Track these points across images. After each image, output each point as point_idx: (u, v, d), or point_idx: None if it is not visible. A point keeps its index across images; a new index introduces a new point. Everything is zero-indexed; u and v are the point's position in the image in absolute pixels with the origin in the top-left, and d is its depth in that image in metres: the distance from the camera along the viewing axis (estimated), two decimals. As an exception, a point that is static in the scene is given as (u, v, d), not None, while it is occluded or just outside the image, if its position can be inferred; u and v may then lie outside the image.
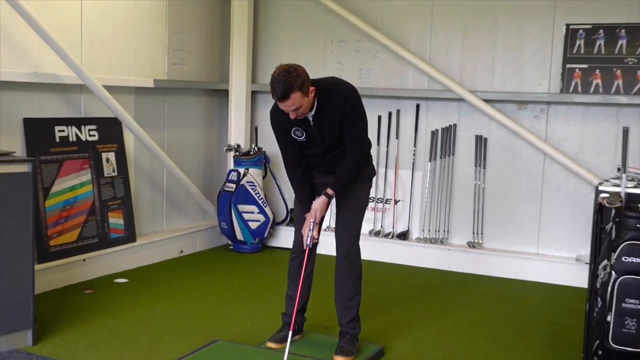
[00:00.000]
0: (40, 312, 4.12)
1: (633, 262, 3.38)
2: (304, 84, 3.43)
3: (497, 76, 6.07)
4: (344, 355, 3.79)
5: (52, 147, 5.13)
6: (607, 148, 5.72)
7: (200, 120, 6.78)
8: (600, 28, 5.67)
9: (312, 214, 3.73)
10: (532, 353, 4.11)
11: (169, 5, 6.15)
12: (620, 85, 5.61)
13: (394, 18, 6.38)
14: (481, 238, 6.18)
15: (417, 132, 6.39)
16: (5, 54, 4.69)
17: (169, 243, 6.16)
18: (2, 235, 3.70)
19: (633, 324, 3.39)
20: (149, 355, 3.79)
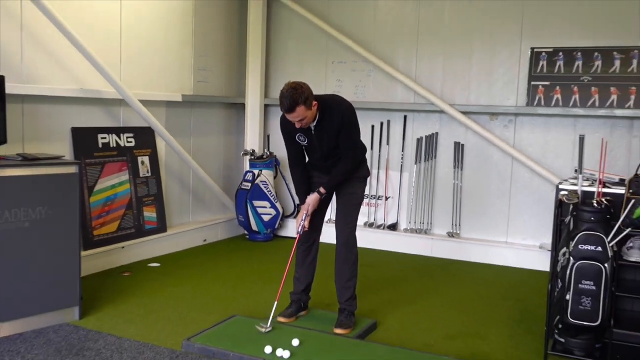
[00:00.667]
0: (85, 292, 4.15)
1: (588, 250, 3.40)
2: (308, 99, 3.46)
3: (472, 92, 6.07)
4: (342, 328, 3.81)
5: (95, 151, 5.15)
6: (565, 152, 5.72)
7: (220, 129, 6.79)
8: (560, 51, 5.68)
9: (305, 206, 3.77)
10: (502, 326, 4.11)
11: (195, 32, 6.17)
12: (577, 100, 5.62)
13: (385, 43, 6.39)
14: (459, 229, 6.18)
15: (405, 139, 6.40)
16: (57, 73, 4.73)
17: (194, 233, 6.18)
18: (52, 226, 3.73)
19: (588, 302, 3.40)
20: (178, 328, 3.81)
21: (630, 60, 5.45)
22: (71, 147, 4.93)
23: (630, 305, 3.76)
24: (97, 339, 3.58)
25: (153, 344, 3.55)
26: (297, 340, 3.51)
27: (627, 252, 3.63)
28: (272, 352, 3.35)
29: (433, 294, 4.83)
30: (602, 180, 3.68)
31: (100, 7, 5.08)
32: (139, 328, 3.80)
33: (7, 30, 4.33)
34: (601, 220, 3.45)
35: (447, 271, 5.58)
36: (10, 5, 4.33)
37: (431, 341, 3.79)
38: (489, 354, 3.62)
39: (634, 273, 3.73)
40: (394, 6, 6.36)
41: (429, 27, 6.21)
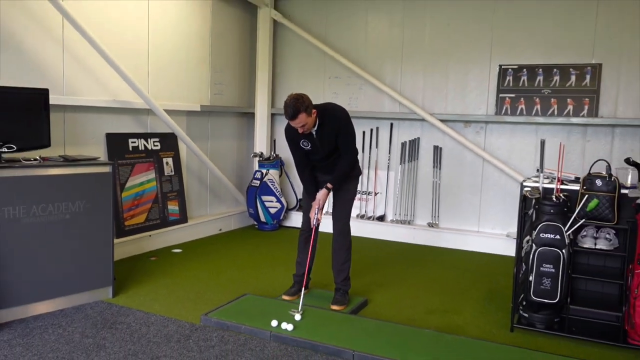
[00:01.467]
0: (118, 274, 4.15)
1: (548, 238, 3.41)
2: (308, 108, 3.47)
3: (449, 102, 6.07)
4: (337, 304, 3.81)
5: (126, 154, 5.14)
6: (529, 155, 5.73)
7: (234, 134, 6.78)
8: (524, 68, 5.68)
9: (317, 201, 3.76)
10: (474, 303, 4.12)
11: (212, 51, 6.16)
12: (539, 109, 5.62)
13: (374, 61, 6.38)
14: (437, 220, 6.18)
15: (391, 143, 6.39)
16: (93, 87, 4.73)
17: (211, 223, 6.17)
18: (89, 218, 3.73)
19: (548, 282, 3.41)
20: (197, 305, 3.81)
21: (584, 75, 5.46)
22: (105, 150, 4.93)
23: (584, 285, 3.77)
24: (127, 314, 3.58)
25: (176, 318, 3.55)
26: (299, 315, 3.51)
27: (581, 239, 3.65)
28: (278, 326, 3.34)
29: (416, 275, 4.82)
30: (560, 179, 3.68)
31: (131, 30, 5.08)
32: (164, 305, 3.80)
33: (51, 50, 4.33)
34: (559, 213, 3.47)
35: (427, 256, 5.57)
36: (54, 29, 4.33)
37: (414, 316, 3.79)
38: (464, 326, 3.63)
39: (587, 258, 3.74)
40: (382, 30, 6.35)
41: (411, 47, 6.20)
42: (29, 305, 3.48)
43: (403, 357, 2.98)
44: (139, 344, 3.13)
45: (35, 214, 3.46)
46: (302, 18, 6.69)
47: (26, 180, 3.42)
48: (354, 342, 3.14)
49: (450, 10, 5.98)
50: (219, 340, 3.22)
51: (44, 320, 3.43)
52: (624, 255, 3.52)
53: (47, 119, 3.79)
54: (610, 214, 3.46)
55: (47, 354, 2.97)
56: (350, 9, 6.47)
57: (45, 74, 4.29)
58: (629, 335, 3.32)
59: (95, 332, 3.29)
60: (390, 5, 6.27)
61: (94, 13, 4.65)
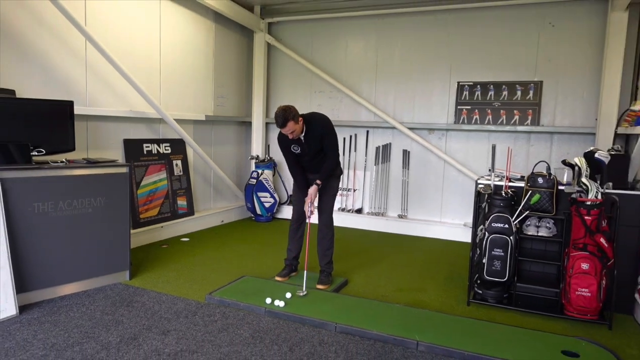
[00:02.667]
0: (134, 259, 4.11)
1: (498, 226, 3.43)
2: (295, 116, 3.47)
3: (416, 113, 6.08)
4: (322, 284, 3.80)
5: (141, 157, 5.07)
6: (482, 157, 5.76)
7: (233, 140, 6.72)
8: (478, 84, 5.71)
9: (309, 196, 3.74)
10: (438, 282, 4.13)
11: (215, 69, 6.10)
12: (490, 119, 5.66)
13: (352, 77, 6.37)
14: (406, 212, 6.20)
15: (367, 148, 6.39)
16: (112, 100, 4.65)
17: (214, 216, 6.11)
18: (109, 212, 3.67)
19: (498, 264, 3.43)
20: (202, 286, 3.77)
21: (528, 91, 5.51)
22: (123, 153, 4.85)
23: (529, 266, 3.79)
24: (142, 294, 3.53)
25: (184, 297, 3.51)
26: (289, 293, 3.49)
27: (526, 228, 3.67)
28: (271, 303, 3.32)
29: (388, 259, 4.83)
30: (508, 177, 3.71)
31: (145, 50, 5.01)
32: (174, 286, 3.75)
33: (75, 67, 4.25)
34: (507, 206, 3.48)
35: (398, 243, 5.58)
36: (79, 50, 4.25)
37: (387, 293, 3.79)
38: (428, 302, 3.64)
39: (531, 243, 3.77)
40: (359, 51, 6.34)
41: (384, 67, 6.20)
42: (56, 287, 3.42)
43: (377, 328, 2.97)
44: (152, 320, 3.09)
45: (62, 208, 3.39)
46: (292, 41, 6.66)
47: (54, 180, 3.35)
48: (336, 316, 3.14)
49: (416, 36, 5.99)
50: (221, 316, 3.19)
51: (69, 300, 3.36)
52: (561, 241, 3.55)
53: (72, 127, 3.72)
54: (550, 206, 3.49)
55: (72, 329, 2.92)
56: (332, 34, 6.45)
57: (70, 89, 4.22)
58: (565, 307, 3.36)
59: (114, 309, 3.24)
60: (366, 32, 6.27)
61: (113, 35, 4.58)
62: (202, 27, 5.86)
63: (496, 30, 5.60)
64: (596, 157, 3.40)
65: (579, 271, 3.18)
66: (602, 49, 5.13)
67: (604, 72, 5.02)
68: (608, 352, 2.74)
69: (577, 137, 5.36)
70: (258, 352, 2.71)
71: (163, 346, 2.74)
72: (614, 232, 3.26)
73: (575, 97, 5.35)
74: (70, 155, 3.76)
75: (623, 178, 3.52)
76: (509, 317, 3.35)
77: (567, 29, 5.32)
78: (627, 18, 4.87)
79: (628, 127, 4.56)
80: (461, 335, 2.91)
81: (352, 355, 2.71)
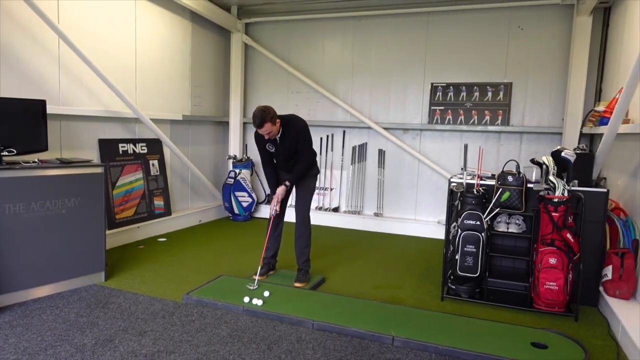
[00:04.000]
0: (110, 260, 4.02)
1: (470, 223, 3.47)
2: (273, 118, 3.45)
3: (391, 113, 6.13)
4: (300, 282, 3.79)
5: (117, 156, 4.96)
6: (455, 156, 5.84)
7: (211, 140, 6.64)
8: (450, 85, 5.79)
9: (276, 196, 3.74)
10: (413, 278, 4.17)
11: (192, 68, 6.01)
12: (462, 119, 5.74)
13: (329, 78, 6.37)
14: (382, 210, 6.24)
15: (344, 147, 6.41)
16: (87, 99, 4.53)
17: (192, 216, 6.03)
18: (84, 213, 3.58)
19: (470, 260, 3.48)
20: (180, 286, 3.71)
21: (499, 92, 5.61)
22: (98, 153, 4.73)
23: (499, 262, 3.86)
24: (118, 295, 3.45)
25: (161, 297, 3.44)
26: (267, 292, 3.47)
27: (496, 225, 3.73)
28: (250, 301, 3.29)
29: (364, 256, 4.85)
30: (480, 175, 3.76)
31: (120, 49, 4.90)
32: (150, 286, 3.68)
33: (48, 66, 4.12)
34: (479, 203, 3.53)
35: (374, 240, 5.61)
36: (51, 47, 4.12)
37: (363, 290, 3.80)
38: (404, 298, 3.66)
39: (501, 239, 3.83)
40: (336, 52, 6.35)
41: (360, 67, 6.23)
42: (29, 289, 3.31)
43: (354, 325, 2.98)
44: (128, 321, 3.02)
45: (34, 209, 3.29)
46: (269, 42, 6.62)
47: (25, 180, 3.24)
48: (313, 313, 3.13)
49: (392, 38, 6.03)
50: (199, 316, 3.14)
51: (42, 303, 3.26)
52: (530, 236, 3.62)
53: (45, 126, 3.61)
54: (519, 203, 3.56)
55: (45, 333, 2.83)
56: (309, 35, 6.44)
57: (43, 87, 4.09)
58: (534, 301, 3.43)
59: (89, 311, 3.15)
60: (343, 32, 6.28)
61: (87, 34, 4.46)
62: (179, 27, 5.77)
63: (468, 32, 5.69)
64: (563, 156, 3.49)
65: (547, 266, 3.26)
66: (568, 52, 5.27)
67: (570, 74, 5.16)
68: (574, 342, 2.82)
69: (544, 137, 5.49)
70: (236, 351, 2.68)
71: (140, 347, 2.68)
72: (580, 228, 3.35)
73: (543, 98, 5.48)
74: (43, 155, 3.64)
75: (588, 176, 3.61)
76: (481, 311, 3.40)
77: (535, 33, 5.44)
78: (592, 22, 5.02)
79: (592, 127, 4.69)
80: (435, 330, 2.95)
81: (330, 351, 2.71)
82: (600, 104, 4.63)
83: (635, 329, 2.80)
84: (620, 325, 2.95)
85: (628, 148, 3.72)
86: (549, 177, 3.41)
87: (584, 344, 2.83)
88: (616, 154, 4.00)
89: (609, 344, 2.91)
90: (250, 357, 2.61)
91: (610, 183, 4.04)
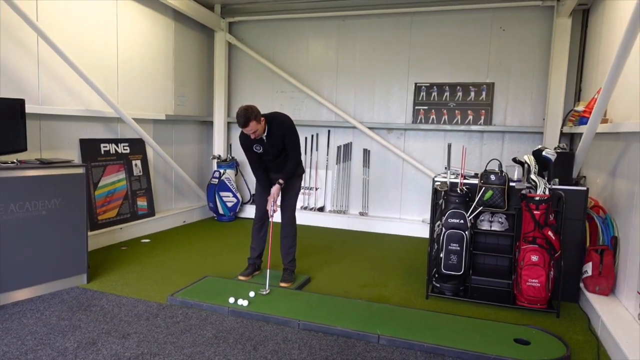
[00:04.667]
0: (92, 262, 3.96)
1: (454, 222, 3.51)
2: (257, 116, 3.43)
3: (375, 113, 6.15)
4: (285, 282, 3.78)
5: (99, 157, 4.88)
6: (438, 155, 5.89)
7: (195, 139, 6.58)
8: (434, 85, 5.84)
9: (271, 195, 3.70)
10: (398, 276, 4.19)
11: (175, 67, 5.95)
12: (446, 119, 5.79)
13: (314, 78, 6.37)
14: (367, 209, 6.26)
15: (329, 147, 6.41)
16: (67, 98, 4.45)
17: (176, 216, 5.96)
18: (65, 214, 3.51)
19: (455, 258, 3.51)
20: (164, 287, 3.67)
21: (481, 92, 5.68)
22: (79, 153, 4.65)
23: (483, 260, 3.90)
24: (101, 298, 3.40)
25: (145, 299, 3.40)
26: (253, 292, 3.46)
27: (480, 223, 3.77)
28: (235, 302, 3.27)
29: (350, 256, 4.86)
30: (463, 174, 3.80)
31: (101, 47, 4.82)
32: (134, 288, 3.63)
33: (26, 64, 4.04)
34: (463, 202, 3.57)
35: (359, 240, 5.63)
36: (29, 45, 4.04)
37: (349, 289, 3.81)
38: (389, 297, 3.68)
39: (485, 237, 3.88)
40: (320, 52, 6.35)
41: (344, 67, 6.24)
42: (8, 292, 3.23)
43: (340, 324, 2.99)
44: (111, 323, 2.98)
45: (13, 211, 3.21)
46: (253, 41, 6.59)
47: (4, 181, 3.17)
48: (299, 313, 3.13)
49: (376, 38, 6.06)
50: (183, 317, 3.11)
51: (22, 306, 3.19)
52: (512, 234, 3.68)
53: (24, 126, 3.54)
54: (502, 202, 3.60)
55: (25, 336, 2.77)
56: (294, 34, 6.43)
57: (21, 86, 4.00)
58: (517, 298, 3.48)
59: (71, 314, 3.10)
60: (327, 32, 6.28)
61: (67, 32, 4.38)
62: (162, 25, 5.70)
63: (452, 33, 5.74)
64: (544, 155, 3.55)
65: (529, 263, 3.31)
66: (549, 52, 5.36)
67: (550, 75, 5.24)
68: (556, 338, 2.87)
69: (526, 136, 5.58)
70: (222, 351, 2.66)
71: (123, 350, 2.64)
72: (561, 226, 3.41)
73: (525, 98, 5.56)
74: (22, 155, 3.57)
75: (568, 174, 3.68)
76: (465, 309, 3.44)
77: (517, 34, 5.52)
78: (571, 24, 5.11)
79: (572, 126, 4.78)
80: (421, 328, 2.97)
81: (316, 351, 2.71)
82: (580, 104, 4.72)
83: (614, 324, 2.86)
84: (600, 320, 3.01)
85: (606, 147, 3.80)
86: (530, 176, 3.47)
87: (566, 340, 2.88)
88: (595, 153, 4.08)
89: (589, 339, 2.97)
90: (236, 358, 2.59)
91: (590, 181, 4.12)
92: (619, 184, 3.42)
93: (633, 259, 3.05)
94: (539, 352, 2.68)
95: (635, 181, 3.09)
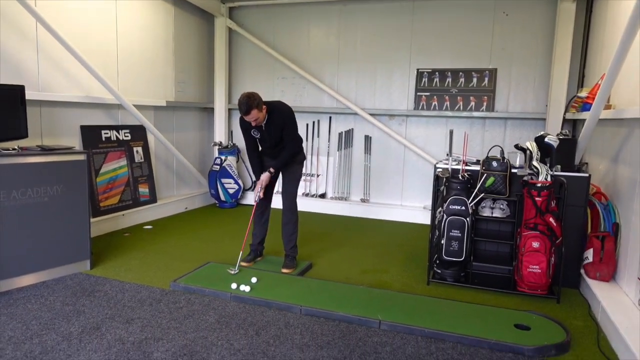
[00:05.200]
0: (95, 248, 3.97)
1: (455, 209, 3.50)
2: (259, 104, 3.41)
3: (377, 99, 6.12)
4: (287, 268, 3.80)
5: (100, 143, 4.87)
6: (440, 142, 5.87)
7: (196, 126, 6.56)
8: (436, 71, 5.79)
9: (260, 182, 3.73)
10: (399, 262, 4.21)
11: (175, 53, 5.90)
12: (448, 105, 5.76)
13: (315, 64, 6.32)
14: (369, 196, 6.26)
15: (330, 133, 6.39)
16: (67, 85, 4.43)
17: (177, 203, 5.97)
18: (67, 200, 3.52)
19: (456, 244, 3.52)
20: (166, 273, 3.69)
21: (484, 78, 5.63)
22: (80, 140, 4.64)
23: (484, 246, 3.91)
24: (104, 284, 3.42)
25: (148, 285, 3.42)
26: (255, 278, 3.48)
27: (481, 209, 3.77)
28: (237, 288, 3.29)
29: (351, 242, 4.87)
30: (465, 161, 3.79)
31: (101, 33, 4.78)
32: (137, 274, 3.65)
33: (26, 51, 4.01)
34: (464, 189, 3.56)
35: (361, 226, 5.64)
36: (29, 31, 4.00)
37: (350, 275, 3.83)
38: (390, 283, 3.70)
39: (486, 224, 3.88)
40: (321, 38, 6.29)
41: (346, 53, 6.18)
42: (12, 279, 3.26)
43: (341, 309, 3.01)
44: (115, 309, 3.00)
45: (15, 197, 3.22)
46: (254, 27, 6.52)
47: (5, 168, 3.17)
48: (301, 299, 3.15)
49: (377, 23, 5.99)
50: (186, 302, 3.14)
51: (27, 292, 3.22)
52: (514, 221, 3.68)
53: (24, 113, 3.53)
54: (503, 188, 3.60)
55: (30, 321, 2.80)
56: (295, 20, 6.36)
57: (21, 73, 3.98)
58: (517, 284, 3.49)
59: (75, 300, 3.12)
60: (328, 18, 6.22)
61: (66, 17, 4.34)
62: (161, 10, 5.64)
63: (454, 18, 5.68)
64: (546, 141, 3.53)
65: (530, 249, 3.31)
66: (552, 38, 5.30)
67: (554, 60, 5.19)
68: (556, 324, 2.89)
69: (528, 123, 5.55)
70: (224, 336, 2.68)
71: (127, 335, 2.67)
72: (562, 212, 3.41)
73: (527, 84, 5.52)
74: (23, 142, 3.57)
75: (570, 161, 3.67)
76: (466, 295, 3.45)
77: (520, 19, 5.46)
78: (575, 9, 5.05)
79: (575, 112, 4.75)
80: (421, 313, 2.99)
81: (317, 336, 2.73)
82: (583, 90, 4.68)
83: (614, 310, 2.88)
84: (600, 306, 3.03)
85: (609, 133, 3.77)
86: (532, 163, 3.45)
87: (566, 325, 2.90)
88: (598, 140, 4.06)
89: (589, 325, 2.99)
90: (239, 343, 2.62)
91: (592, 168, 4.10)
92: (621, 170, 3.41)
93: (634, 245, 3.05)
94: (539, 338, 2.70)
95: (637, 168, 3.07)
